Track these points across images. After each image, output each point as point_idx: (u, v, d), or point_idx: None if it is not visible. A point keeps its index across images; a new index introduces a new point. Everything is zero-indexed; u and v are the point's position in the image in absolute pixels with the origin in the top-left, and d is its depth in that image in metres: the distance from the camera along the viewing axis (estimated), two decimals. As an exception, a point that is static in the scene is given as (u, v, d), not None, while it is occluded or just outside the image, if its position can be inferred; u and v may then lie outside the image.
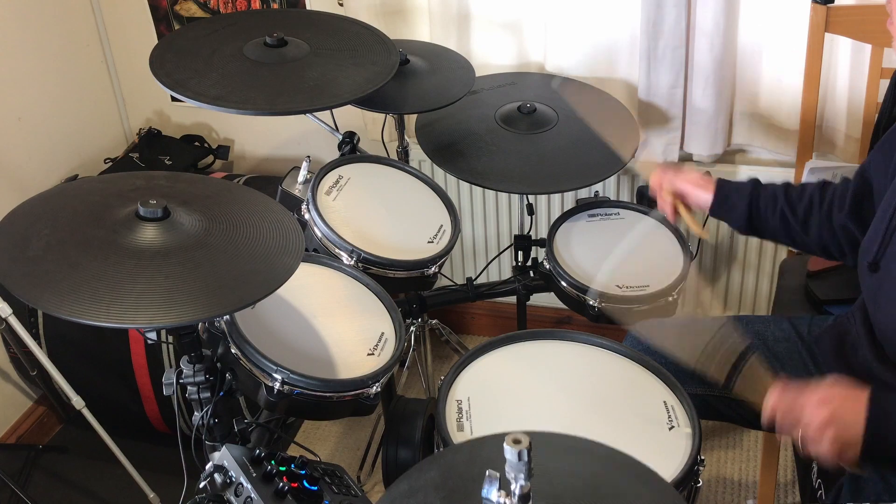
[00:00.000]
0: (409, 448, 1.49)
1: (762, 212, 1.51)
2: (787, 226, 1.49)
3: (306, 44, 1.74)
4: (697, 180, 1.56)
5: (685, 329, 1.59)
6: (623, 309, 1.66)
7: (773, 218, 1.50)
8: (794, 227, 1.49)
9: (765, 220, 1.51)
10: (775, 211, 1.50)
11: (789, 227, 1.49)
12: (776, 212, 1.50)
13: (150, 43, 1.94)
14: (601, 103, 2.03)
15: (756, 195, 1.51)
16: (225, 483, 1.26)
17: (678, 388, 1.35)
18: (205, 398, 1.32)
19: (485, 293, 2.05)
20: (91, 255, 1.14)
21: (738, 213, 1.52)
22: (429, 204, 1.82)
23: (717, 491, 2.14)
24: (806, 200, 1.48)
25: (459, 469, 0.98)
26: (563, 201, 2.33)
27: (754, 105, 2.10)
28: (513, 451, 0.79)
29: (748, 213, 1.51)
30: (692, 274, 1.77)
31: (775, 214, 1.50)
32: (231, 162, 2.65)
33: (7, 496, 2.10)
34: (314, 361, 1.39)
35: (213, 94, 1.57)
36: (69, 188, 1.42)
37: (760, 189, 1.52)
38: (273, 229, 1.28)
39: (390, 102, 1.86)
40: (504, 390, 1.37)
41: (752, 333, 1.57)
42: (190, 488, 1.33)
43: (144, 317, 1.08)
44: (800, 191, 1.50)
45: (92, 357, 2.20)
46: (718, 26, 1.97)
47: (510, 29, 2.19)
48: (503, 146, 1.88)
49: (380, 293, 1.56)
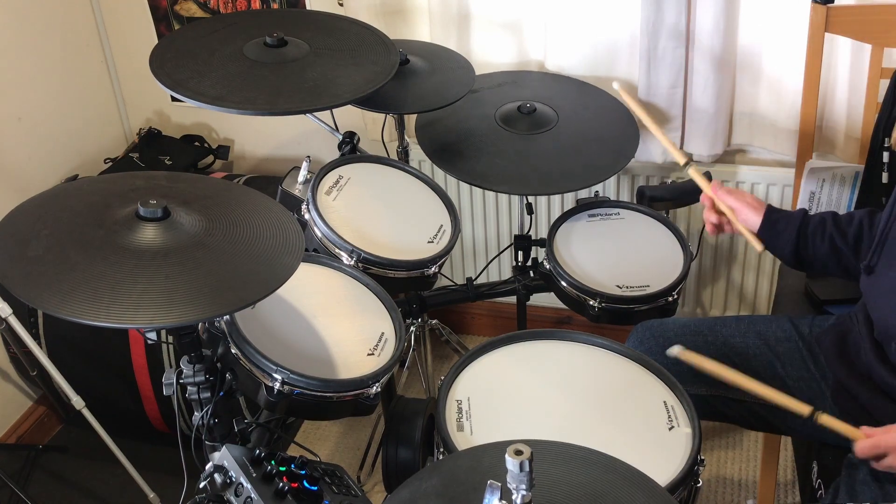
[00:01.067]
0: (409, 448, 1.49)
1: (810, 239, 1.49)
2: (837, 252, 1.47)
3: (306, 44, 1.74)
4: (751, 202, 1.54)
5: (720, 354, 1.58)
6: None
7: (822, 245, 1.48)
8: (844, 253, 1.47)
9: (813, 247, 1.49)
10: (824, 237, 1.48)
11: (839, 253, 1.47)
12: (825, 238, 1.48)
13: (150, 43, 1.94)
14: (605, 103, 2.03)
15: (805, 223, 1.50)
16: (225, 483, 1.26)
17: (678, 388, 1.35)
18: (205, 398, 1.32)
19: (485, 293, 2.05)
20: (91, 255, 1.14)
21: (785, 240, 1.50)
22: (429, 204, 1.82)
23: (717, 491, 2.14)
24: (855, 225, 1.46)
25: (460, 477, 0.99)
26: (563, 201, 2.33)
27: (754, 105, 2.10)
28: (514, 462, 0.79)
29: (796, 241, 1.49)
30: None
31: (824, 241, 1.48)
32: (231, 162, 2.65)
33: (7, 496, 2.10)
34: (314, 361, 1.39)
35: (213, 94, 1.57)
36: (69, 188, 1.42)
37: (809, 217, 1.51)
38: (273, 229, 1.28)
39: (390, 102, 1.86)
40: (504, 390, 1.37)
41: (754, 333, 1.57)
42: (190, 488, 1.33)
43: (144, 317, 1.08)
44: (849, 217, 1.49)
45: (92, 357, 2.20)
46: (718, 26, 1.97)
47: (510, 29, 2.19)
48: (503, 146, 1.88)
49: (380, 293, 1.56)
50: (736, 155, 2.21)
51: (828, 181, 1.88)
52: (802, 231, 1.50)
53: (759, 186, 2.16)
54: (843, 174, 1.86)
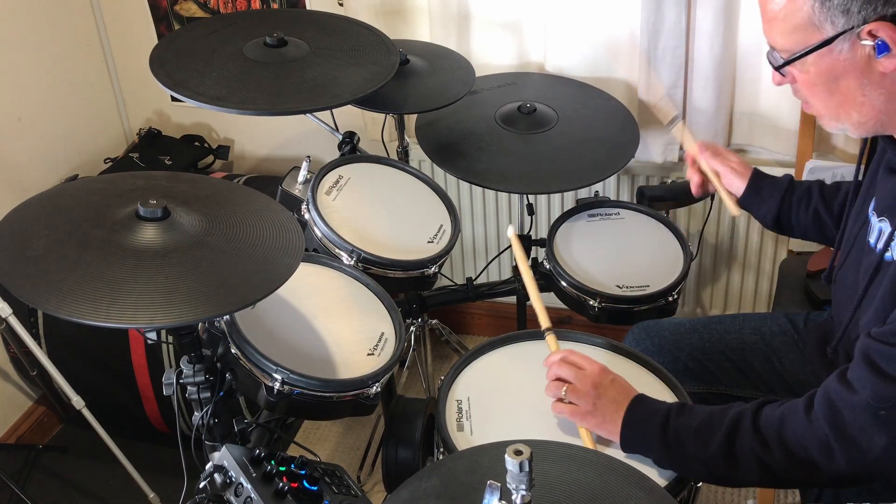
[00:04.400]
0: (409, 448, 1.49)
1: (794, 207, 1.51)
2: (820, 221, 1.50)
3: (306, 44, 1.74)
4: (736, 166, 1.56)
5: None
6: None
7: (805, 214, 1.51)
8: (827, 224, 1.49)
9: (795, 216, 1.52)
10: (808, 208, 1.50)
11: (822, 224, 1.50)
12: (809, 209, 1.50)
13: (150, 43, 1.94)
14: (605, 103, 2.03)
15: (790, 190, 1.52)
16: (225, 483, 1.26)
17: (678, 388, 1.35)
18: (205, 398, 1.32)
19: (485, 293, 2.05)
20: (91, 255, 1.14)
21: (769, 207, 1.52)
22: (429, 204, 1.82)
23: (717, 491, 2.14)
24: (841, 196, 1.48)
25: (460, 477, 0.99)
26: (563, 201, 2.33)
27: (754, 105, 2.10)
28: (514, 463, 0.79)
29: (778, 208, 1.51)
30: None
31: (808, 212, 1.50)
32: (231, 162, 2.65)
33: (7, 496, 2.10)
34: (314, 361, 1.39)
35: (213, 94, 1.57)
36: (69, 188, 1.42)
37: (795, 185, 1.53)
38: (273, 229, 1.28)
39: (390, 102, 1.86)
40: (504, 390, 1.37)
41: (750, 329, 1.57)
42: (190, 488, 1.33)
43: (144, 317, 1.08)
44: (835, 188, 1.50)
45: (92, 357, 2.20)
46: (718, 26, 1.97)
47: (510, 29, 2.19)
48: (503, 146, 1.88)
49: (380, 293, 1.56)
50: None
51: (828, 181, 1.87)
52: (787, 198, 1.52)
53: (759, 186, 2.16)
54: (843, 174, 1.86)
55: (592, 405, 1.24)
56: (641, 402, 1.24)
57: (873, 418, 1.07)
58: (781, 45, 1.14)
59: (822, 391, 1.13)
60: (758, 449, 1.14)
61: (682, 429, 1.18)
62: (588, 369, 1.28)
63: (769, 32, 1.15)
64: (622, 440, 1.22)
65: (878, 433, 1.07)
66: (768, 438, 1.14)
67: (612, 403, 1.24)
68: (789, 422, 1.14)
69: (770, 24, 1.14)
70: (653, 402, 1.24)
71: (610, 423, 1.23)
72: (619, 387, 1.26)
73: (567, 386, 1.27)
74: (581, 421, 1.25)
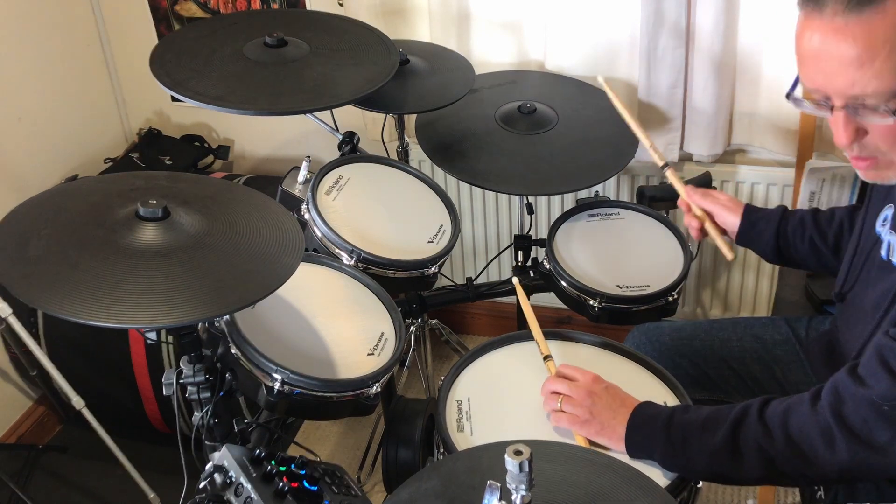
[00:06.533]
0: (409, 448, 1.49)
1: (790, 238, 1.50)
2: (818, 252, 1.49)
3: (306, 44, 1.74)
4: (726, 203, 1.55)
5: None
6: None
7: (801, 245, 1.49)
8: (824, 253, 1.48)
9: (793, 247, 1.50)
10: (804, 238, 1.49)
11: (819, 253, 1.49)
12: (805, 238, 1.49)
13: (150, 43, 1.94)
14: (605, 103, 2.03)
15: (784, 221, 1.50)
16: (225, 483, 1.26)
17: (678, 389, 1.35)
18: (205, 398, 1.32)
19: (485, 293, 2.05)
20: (91, 255, 1.14)
21: (766, 240, 1.51)
22: (429, 204, 1.82)
23: (718, 491, 2.14)
24: (836, 225, 1.47)
25: (460, 478, 0.99)
26: (563, 201, 2.33)
27: (754, 105, 2.10)
28: (514, 463, 0.79)
29: (776, 241, 1.50)
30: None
31: (804, 241, 1.49)
32: (231, 162, 2.65)
33: (7, 496, 2.10)
34: (314, 361, 1.39)
35: (214, 94, 1.57)
36: (69, 188, 1.42)
37: (788, 216, 1.51)
38: (273, 229, 1.28)
39: (390, 102, 1.86)
40: (504, 390, 1.37)
41: (751, 337, 1.57)
42: (190, 488, 1.33)
43: (144, 317, 1.08)
44: (829, 216, 1.49)
45: (92, 357, 2.20)
46: (718, 26, 1.97)
47: (510, 29, 2.19)
48: (503, 146, 1.88)
49: (380, 293, 1.56)
50: (736, 155, 2.21)
51: (828, 181, 1.88)
52: (782, 230, 1.51)
53: (759, 186, 2.16)
54: (843, 174, 1.86)
55: (589, 413, 1.24)
56: (647, 404, 1.25)
57: (877, 413, 1.08)
58: (887, 87, 1.01)
59: (830, 383, 1.14)
60: (761, 439, 1.14)
61: (688, 424, 1.18)
62: (581, 380, 1.29)
63: (861, 77, 1.03)
64: (627, 441, 1.22)
65: (882, 428, 1.08)
66: (772, 428, 1.14)
67: (607, 410, 1.24)
68: (794, 412, 1.14)
69: (864, 67, 1.01)
70: (658, 405, 1.25)
71: (609, 429, 1.23)
72: (613, 394, 1.27)
73: (562, 397, 1.27)
74: (580, 429, 1.25)
